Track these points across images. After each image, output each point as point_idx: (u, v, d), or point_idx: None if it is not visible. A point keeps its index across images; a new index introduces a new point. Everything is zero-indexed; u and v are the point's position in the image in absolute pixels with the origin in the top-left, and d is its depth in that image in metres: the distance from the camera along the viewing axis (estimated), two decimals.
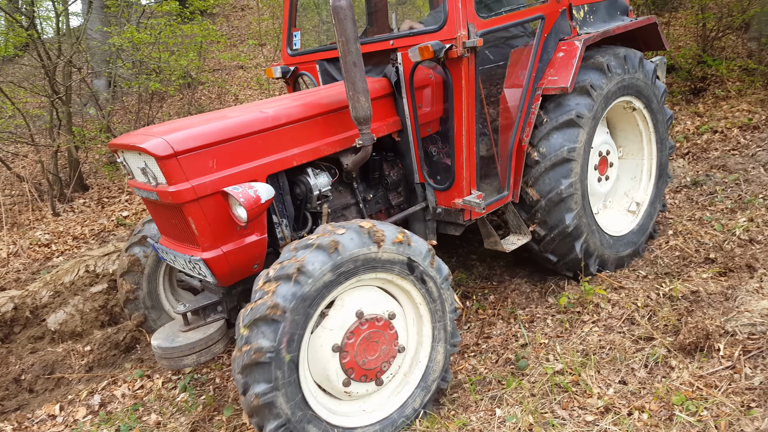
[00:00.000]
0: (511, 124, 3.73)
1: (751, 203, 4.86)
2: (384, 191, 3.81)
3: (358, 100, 3.02)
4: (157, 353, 3.05)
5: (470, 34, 3.24)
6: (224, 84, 11.43)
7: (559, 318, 3.75)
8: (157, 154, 2.71)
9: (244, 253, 2.99)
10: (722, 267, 3.97)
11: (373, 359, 2.76)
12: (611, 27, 4.08)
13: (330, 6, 2.90)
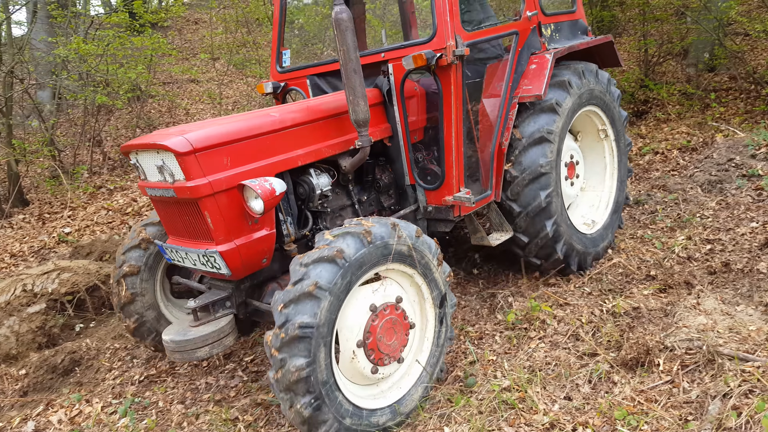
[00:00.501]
0: (492, 130, 4.07)
1: (689, 222, 5.07)
2: (376, 194, 4.07)
3: (357, 104, 3.28)
4: (169, 347, 3.13)
5: (458, 44, 3.57)
6: (174, 98, 11.23)
7: (507, 334, 3.79)
8: (178, 150, 2.90)
9: (255, 247, 3.16)
10: (662, 284, 4.12)
11: (391, 343, 3.03)
12: (576, 43, 4.56)
13: (332, 18, 3.17)
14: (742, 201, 5.25)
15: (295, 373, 2.59)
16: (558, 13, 4.72)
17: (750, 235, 4.61)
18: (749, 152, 6.13)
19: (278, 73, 4.56)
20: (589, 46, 4.67)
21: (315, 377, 2.64)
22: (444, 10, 3.58)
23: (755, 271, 4.06)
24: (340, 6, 3.18)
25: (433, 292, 3.22)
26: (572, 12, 4.88)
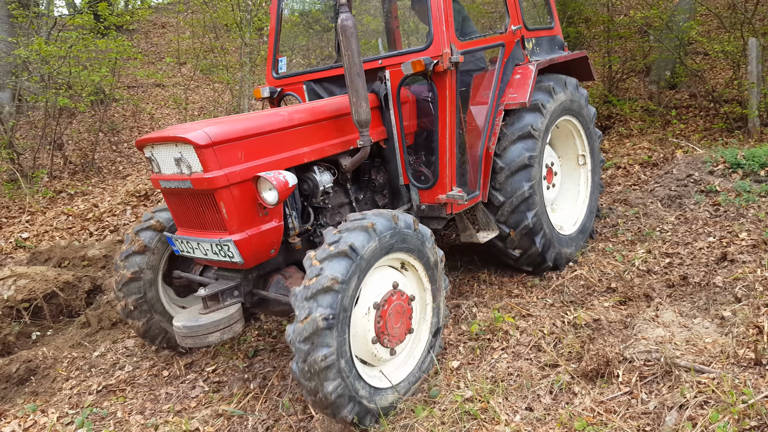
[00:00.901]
0: (479, 135, 4.33)
1: (649, 236, 5.19)
2: (371, 193, 4.27)
3: (360, 105, 3.49)
4: (181, 333, 3.23)
5: (453, 51, 3.84)
6: (138, 102, 11.03)
7: (470, 345, 3.80)
8: (198, 143, 3.06)
9: (265, 237, 3.33)
10: (622, 296, 4.19)
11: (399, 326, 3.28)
12: (555, 56, 4.93)
13: (338, 25, 3.39)
14: (700, 216, 5.40)
15: (321, 361, 2.76)
16: (538, 28, 5.03)
17: (707, 250, 4.74)
18: (707, 169, 6.32)
19: (274, 79, 4.72)
20: (567, 59, 5.04)
21: (339, 364, 2.84)
22: (440, 20, 3.84)
23: (712, 285, 4.16)
24: (345, 14, 3.39)
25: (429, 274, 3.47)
26: (551, 28, 5.23)
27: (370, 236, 3.00)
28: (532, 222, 4.41)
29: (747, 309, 3.69)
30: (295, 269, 3.66)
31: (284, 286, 3.50)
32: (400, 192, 4.28)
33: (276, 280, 3.57)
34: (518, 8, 4.66)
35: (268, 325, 4.51)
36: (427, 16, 3.99)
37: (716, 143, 8.09)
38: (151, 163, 3.42)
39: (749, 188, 5.71)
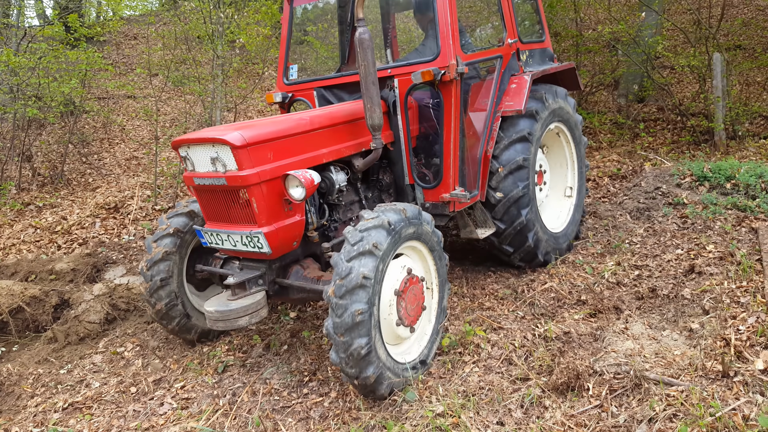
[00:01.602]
0: (478, 140, 4.68)
1: (619, 248, 5.25)
2: (379, 192, 4.60)
3: (374, 111, 3.82)
4: (213, 317, 3.53)
5: (458, 63, 4.17)
6: (109, 114, 10.86)
7: (442, 359, 3.79)
8: (235, 143, 3.36)
9: (289, 230, 3.65)
10: (592, 308, 4.23)
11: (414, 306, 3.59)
12: (548, 67, 5.29)
13: (356, 38, 3.68)
14: (668, 228, 5.49)
15: (361, 350, 3.10)
16: (532, 41, 5.42)
17: (675, 262, 4.81)
18: (675, 181, 6.44)
19: (285, 85, 5.05)
20: (558, 70, 5.42)
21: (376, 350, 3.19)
22: (447, 34, 4.18)
23: (680, 297, 4.22)
24: (362, 28, 3.69)
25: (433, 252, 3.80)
26: (542, 41, 5.63)
27: (388, 232, 3.30)
28: (526, 219, 4.73)
29: (714, 321, 3.75)
30: (311, 261, 4.02)
31: (303, 275, 3.86)
32: (405, 191, 4.60)
33: (295, 270, 3.91)
34: (514, 24, 5.04)
35: (238, 340, 4.44)
36: (431, 28, 4.39)
37: (683, 156, 8.27)
38: (185, 161, 3.69)
39: (716, 201, 5.83)
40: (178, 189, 8.35)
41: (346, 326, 3.08)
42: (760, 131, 9.06)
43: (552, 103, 5.09)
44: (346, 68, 5.27)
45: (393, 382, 3.36)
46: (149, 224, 7.47)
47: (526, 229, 4.77)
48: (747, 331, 3.51)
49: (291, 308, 4.90)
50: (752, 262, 4.47)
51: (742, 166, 6.33)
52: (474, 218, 4.85)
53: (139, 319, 5.14)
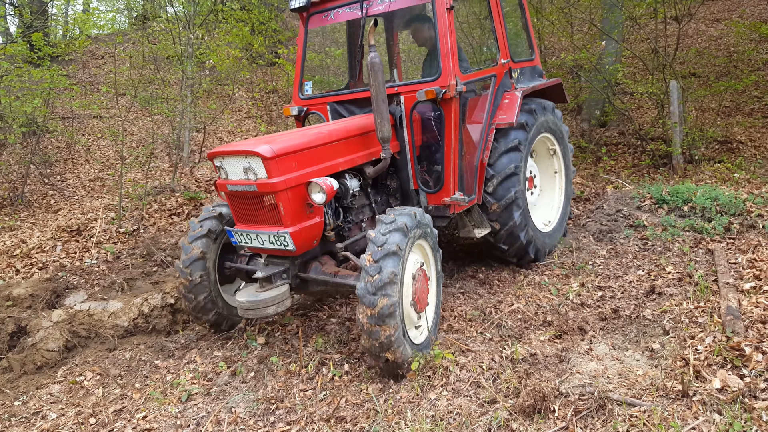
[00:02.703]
0: (475, 149, 5.17)
1: (582, 269, 5.36)
2: (386, 196, 5.12)
3: (383, 125, 4.36)
4: (244, 306, 4.00)
5: (457, 82, 4.67)
6: (73, 134, 10.66)
7: (410, 383, 3.79)
8: (265, 155, 3.84)
9: (310, 231, 4.13)
10: (558, 329, 4.30)
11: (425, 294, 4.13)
12: (536, 84, 5.84)
13: (368, 61, 4.22)
14: (630, 250, 5.63)
15: (390, 275, 3.59)
16: (523, 60, 5.93)
17: (637, 283, 4.94)
18: (635, 204, 6.63)
19: (300, 100, 5.54)
20: (546, 86, 6.00)
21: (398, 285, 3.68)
22: (448, 57, 4.67)
23: (642, 318, 4.32)
24: (374, 53, 4.21)
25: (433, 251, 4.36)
26: (532, 60, 6.16)
27: (405, 234, 3.82)
28: (518, 221, 5.23)
29: (674, 341, 3.85)
30: (328, 257, 4.49)
31: (321, 270, 4.33)
32: (410, 195, 5.10)
33: (314, 266, 4.38)
34: (506, 45, 5.54)
35: (203, 367, 4.36)
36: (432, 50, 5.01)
37: (644, 179, 8.53)
38: (219, 171, 4.18)
39: (674, 223, 6.02)
40: (144, 211, 8.22)
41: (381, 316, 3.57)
42: (715, 155, 9.41)
43: (541, 116, 5.64)
44: (355, 84, 5.87)
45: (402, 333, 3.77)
46: (113, 247, 7.31)
47: (519, 230, 5.28)
48: (705, 350, 3.61)
49: (259, 334, 4.84)
50: (709, 283, 4.61)
51: (699, 189, 6.56)
52: (472, 219, 5.36)
53: (100, 346, 5.01)
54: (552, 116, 5.92)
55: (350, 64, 6.07)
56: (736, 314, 3.90)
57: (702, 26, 16.62)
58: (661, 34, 10.44)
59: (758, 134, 10.86)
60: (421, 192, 5.07)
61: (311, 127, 4.95)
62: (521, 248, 5.40)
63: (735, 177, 7.99)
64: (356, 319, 3.71)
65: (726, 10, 17.96)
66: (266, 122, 12.96)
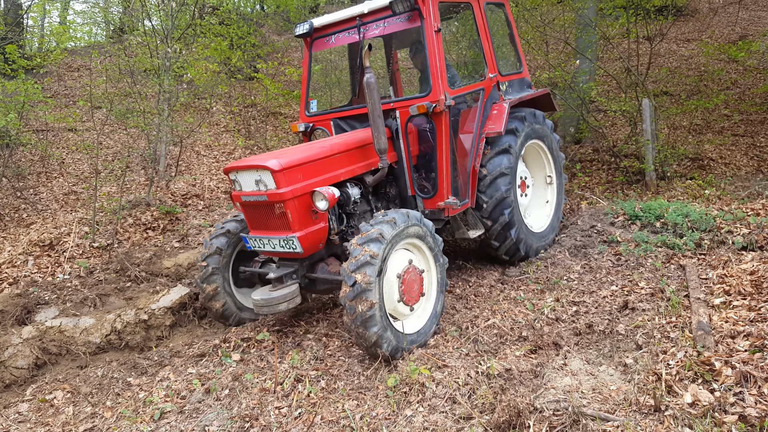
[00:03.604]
0: (467, 156, 5.62)
1: (557, 284, 5.42)
2: (386, 202, 5.57)
3: (380, 138, 4.83)
4: (259, 303, 4.53)
5: (446, 97, 5.12)
6: (46, 147, 10.50)
7: (387, 400, 3.77)
8: (274, 168, 4.37)
9: (316, 235, 4.64)
10: (533, 344, 4.33)
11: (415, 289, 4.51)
12: (524, 95, 6.22)
13: (364, 81, 4.69)
14: (604, 265, 5.71)
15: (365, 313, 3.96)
16: (510, 73, 6.33)
17: (610, 298, 5.00)
18: (609, 220, 6.74)
19: (306, 117, 6.07)
20: (533, 96, 6.35)
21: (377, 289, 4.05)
22: (437, 75, 5.13)
23: (615, 333, 4.38)
24: (369, 74, 4.70)
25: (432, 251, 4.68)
26: (520, 72, 6.53)
27: (392, 227, 4.21)
28: (509, 217, 5.65)
29: (647, 356, 3.90)
30: (333, 259, 4.98)
31: (327, 270, 4.82)
32: (408, 201, 5.55)
33: (321, 266, 4.88)
34: (494, 60, 5.95)
35: (177, 385, 4.29)
36: (425, 70, 5.38)
37: (617, 195, 8.67)
38: (234, 183, 4.72)
39: (647, 239, 6.13)
40: (118, 225, 8.11)
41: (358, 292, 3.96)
42: (686, 172, 9.63)
43: (531, 122, 6.11)
44: (357, 101, 6.31)
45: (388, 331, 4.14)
46: (86, 262, 7.19)
47: (509, 226, 5.70)
48: (676, 365, 3.66)
49: (234, 350, 4.79)
50: (680, 298, 4.70)
51: (670, 206, 6.70)
52: (466, 222, 5.80)
53: (71, 363, 4.90)
54: (542, 124, 6.33)
55: (352, 83, 6.52)
56: (707, 329, 3.97)
57: (674, 46, 17.08)
58: (634, 54, 10.69)
59: (728, 152, 11.14)
60: (418, 197, 5.52)
61: (314, 141, 5.41)
62: (511, 244, 5.80)
63: (706, 194, 8.18)
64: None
65: (696, 31, 18.49)
66: (244, 136, 12.92)
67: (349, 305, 3.97)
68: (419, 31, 5.32)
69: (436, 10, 5.21)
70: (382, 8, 5.33)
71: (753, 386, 3.21)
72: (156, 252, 7.36)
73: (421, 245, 4.60)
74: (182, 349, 4.96)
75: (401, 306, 4.38)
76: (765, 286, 4.48)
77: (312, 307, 5.75)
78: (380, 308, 4.04)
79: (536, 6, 10.92)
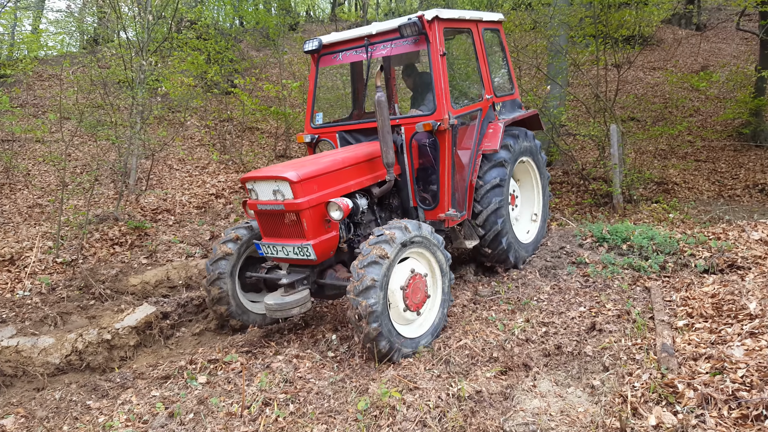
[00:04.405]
0: (465, 171, 5.98)
1: (528, 305, 5.48)
2: (389, 213, 5.87)
3: (388, 152, 5.14)
4: (272, 308, 4.72)
5: (450, 116, 5.47)
6: (11, 159, 10.24)
7: (357, 424, 3.74)
8: (292, 179, 4.64)
9: (328, 243, 4.93)
10: (503, 366, 4.35)
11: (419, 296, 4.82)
12: (517, 115, 6.68)
13: (375, 100, 5.00)
14: (572, 286, 5.80)
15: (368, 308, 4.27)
16: (504, 95, 6.76)
17: (579, 319, 5.07)
18: (578, 242, 6.86)
19: (312, 129, 6.33)
20: (525, 117, 6.83)
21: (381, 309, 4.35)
22: (442, 95, 5.49)
23: (583, 354, 4.43)
24: (380, 93, 5.00)
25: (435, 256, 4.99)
26: (512, 94, 6.98)
27: (391, 245, 4.48)
28: (501, 226, 6.03)
29: (613, 378, 3.96)
30: (341, 266, 5.26)
31: (335, 277, 5.11)
32: (409, 212, 5.85)
33: (329, 273, 5.18)
34: (490, 83, 6.38)
35: (139, 408, 4.17)
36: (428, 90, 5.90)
37: (586, 218, 8.83)
38: (250, 193, 4.97)
39: (614, 261, 6.25)
40: (84, 240, 7.92)
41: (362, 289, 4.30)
42: (652, 195, 9.88)
43: (523, 140, 6.55)
44: (358, 115, 6.85)
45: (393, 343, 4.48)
46: (48, 278, 6.99)
47: (501, 235, 6.07)
48: (641, 387, 3.72)
49: (200, 372, 4.69)
50: (646, 321, 4.79)
51: (636, 229, 6.85)
52: (463, 233, 6.16)
53: (27, 385, 4.73)
54: (532, 143, 6.78)
55: (353, 98, 7.03)
56: (671, 351, 4.05)
57: (641, 73, 17.62)
58: (603, 80, 10.98)
59: (691, 176, 11.49)
60: (420, 209, 5.85)
61: (326, 154, 5.68)
62: (502, 252, 6.16)
63: (670, 217, 8.39)
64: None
65: (662, 60, 19.11)
66: (219, 150, 12.81)
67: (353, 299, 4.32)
68: (417, 55, 6.03)
69: (441, 35, 5.58)
70: (390, 30, 5.65)
71: (713, 408, 3.29)
72: (122, 269, 7.21)
73: (423, 251, 4.89)
74: (146, 370, 4.84)
75: (408, 313, 4.74)
76: (725, 309, 4.61)
77: (283, 327, 5.69)
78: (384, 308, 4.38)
79: (510, 32, 11.16)
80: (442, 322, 5.05)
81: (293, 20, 20.86)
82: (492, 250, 6.15)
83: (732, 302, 4.69)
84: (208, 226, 9.05)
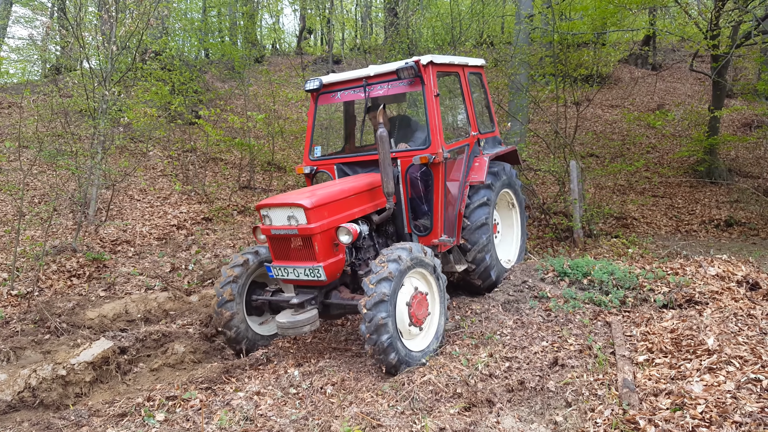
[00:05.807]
0: (454, 201, 6.50)
1: (491, 339, 5.51)
2: (386, 239, 6.29)
3: (389, 183, 5.58)
4: (284, 326, 5.01)
5: (443, 151, 6.02)
6: None
7: None
8: (306, 206, 5.08)
9: (336, 265, 5.33)
10: (467, 402, 4.34)
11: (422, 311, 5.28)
12: (498, 150, 7.38)
13: (377, 135, 5.41)
14: (535, 320, 5.86)
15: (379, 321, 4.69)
16: (486, 132, 7.44)
17: (541, 354, 5.11)
18: (539, 276, 6.96)
19: (311, 161, 6.82)
20: (505, 152, 7.49)
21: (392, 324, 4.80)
22: (436, 131, 6.07)
23: (546, 389, 4.46)
24: (381, 129, 5.40)
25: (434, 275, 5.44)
26: (493, 131, 7.69)
27: (399, 264, 4.92)
28: (489, 261, 6.68)
29: (576, 414, 3.99)
30: (344, 287, 5.69)
31: (340, 297, 5.54)
32: (404, 238, 6.33)
33: (334, 294, 5.60)
34: (476, 121, 7.03)
35: None
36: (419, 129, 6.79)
37: (547, 252, 9.00)
38: (264, 219, 5.33)
39: (575, 295, 6.36)
40: (40, 272, 7.67)
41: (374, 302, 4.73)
42: (611, 230, 10.14)
43: (502, 176, 7.16)
44: (350, 148, 7.38)
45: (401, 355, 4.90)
46: (2, 311, 6.72)
47: (490, 268, 6.74)
48: (603, 423, 3.77)
49: (158, 410, 4.55)
50: (607, 355, 4.87)
51: (597, 264, 7.01)
52: (453, 257, 6.70)
53: None
54: (510, 175, 7.43)
55: (345, 133, 7.58)
56: (631, 387, 4.12)
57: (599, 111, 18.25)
58: (562, 117, 11.35)
59: (649, 212, 11.86)
60: (414, 235, 6.34)
61: (333, 183, 6.15)
62: (491, 283, 6.84)
63: (629, 252, 8.62)
64: None
65: (619, 98, 19.87)
66: (182, 181, 12.66)
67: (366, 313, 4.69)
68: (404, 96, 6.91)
69: (435, 77, 6.22)
70: (387, 72, 6.23)
71: None
72: (79, 302, 6.99)
73: (424, 271, 5.32)
74: (102, 407, 4.67)
75: (412, 328, 5.15)
76: (684, 344, 4.73)
77: (243, 363, 5.59)
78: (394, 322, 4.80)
79: None
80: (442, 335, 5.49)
81: (259, 53, 21.00)
82: (476, 267, 6.75)
83: (691, 337, 4.81)
84: (168, 257, 8.88)
